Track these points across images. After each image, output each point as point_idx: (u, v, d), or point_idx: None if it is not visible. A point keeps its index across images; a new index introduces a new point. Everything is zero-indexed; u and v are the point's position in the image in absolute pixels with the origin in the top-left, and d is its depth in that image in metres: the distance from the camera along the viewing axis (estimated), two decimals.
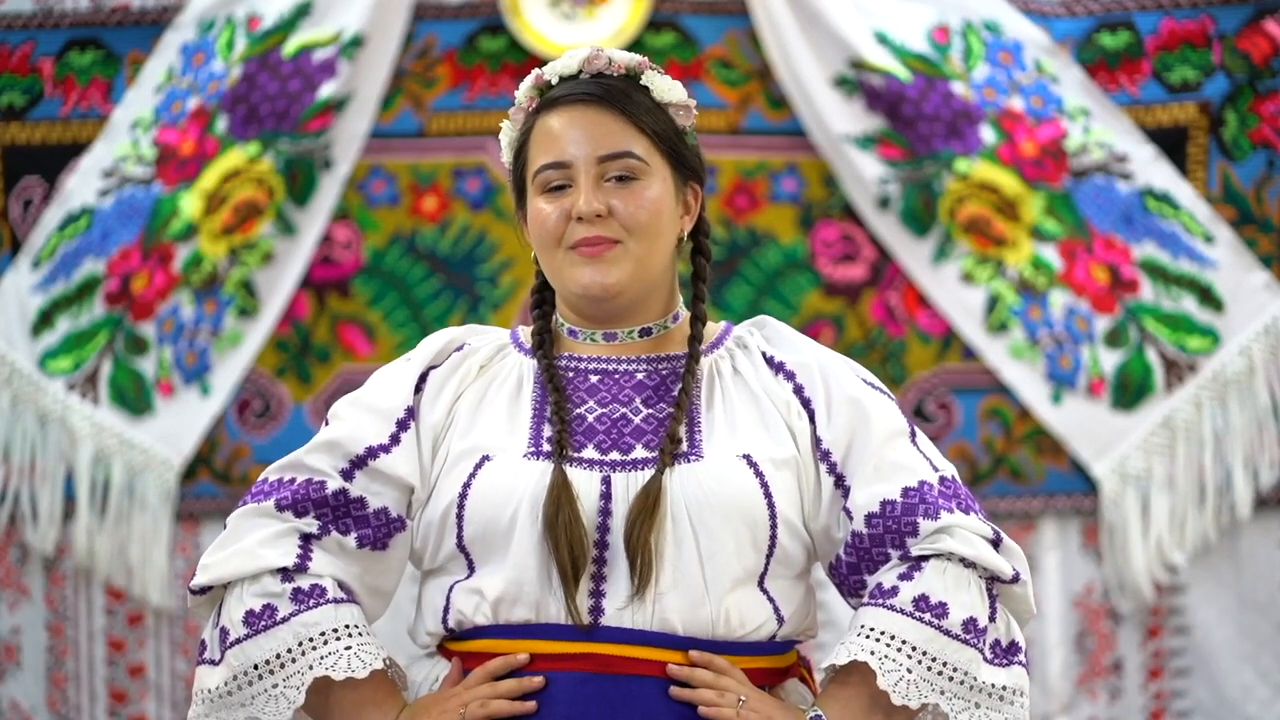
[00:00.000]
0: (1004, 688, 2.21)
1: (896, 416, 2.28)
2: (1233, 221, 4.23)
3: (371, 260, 4.33)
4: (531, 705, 2.19)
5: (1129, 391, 4.24)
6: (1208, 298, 4.22)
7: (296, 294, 4.32)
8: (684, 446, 2.24)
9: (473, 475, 2.24)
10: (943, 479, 2.26)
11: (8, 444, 4.28)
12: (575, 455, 2.24)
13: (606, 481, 2.22)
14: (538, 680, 2.19)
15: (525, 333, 2.38)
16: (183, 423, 4.29)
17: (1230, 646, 4.28)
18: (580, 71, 2.32)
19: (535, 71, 2.35)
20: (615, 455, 2.25)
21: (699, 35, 4.31)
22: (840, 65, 4.23)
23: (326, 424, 2.32)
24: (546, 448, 2.25)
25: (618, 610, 2.19)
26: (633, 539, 2.18)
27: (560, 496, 2.19)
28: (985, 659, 2.20)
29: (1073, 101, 4.23)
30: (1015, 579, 2.23)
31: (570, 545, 2.17)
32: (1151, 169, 4.23)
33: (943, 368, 4.31)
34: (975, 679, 2.19)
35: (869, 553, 2.23)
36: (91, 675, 4.32)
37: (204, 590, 2.27)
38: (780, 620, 2.24)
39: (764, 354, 2.33)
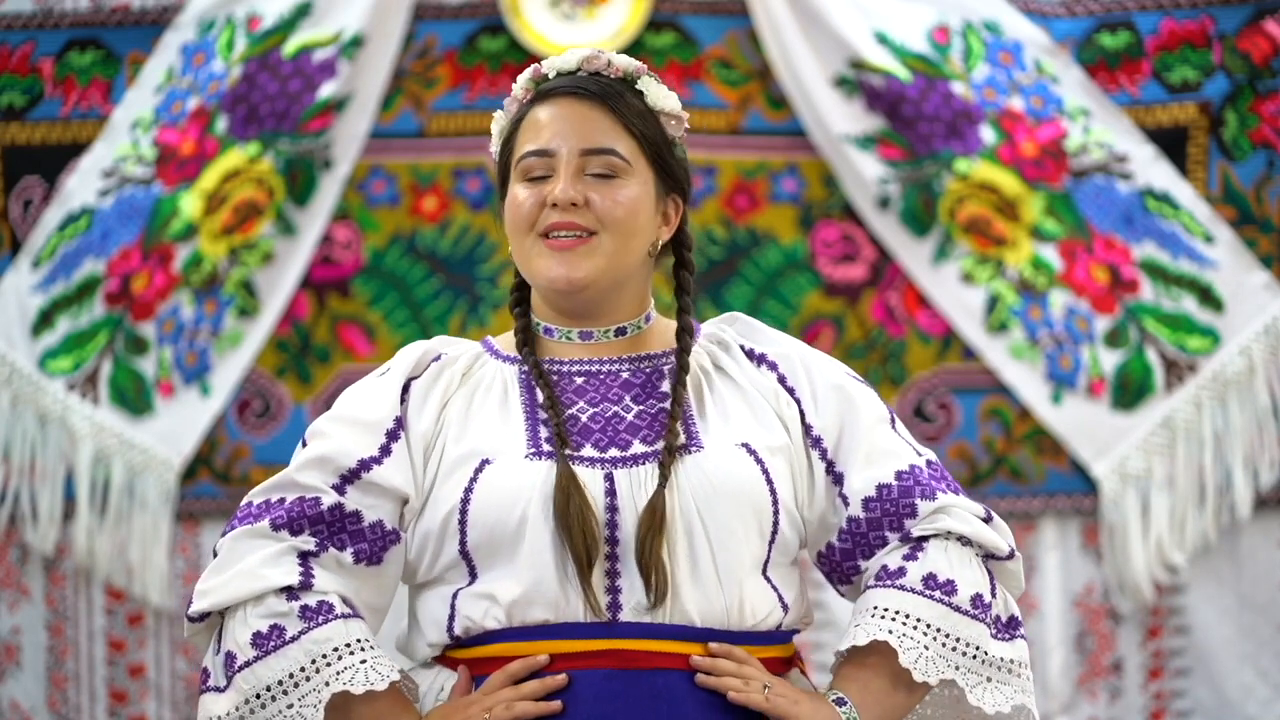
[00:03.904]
0: (1010, 661, 2.25)
1: (878, 404, 2.32)
2: (1233, 221, 4.23)
3: (371, 260, 4.33)
4: (557, 705, 2.17)
5: (1129, 391, 4.24)
6: (1208, 298, 4.22)
7: (296, 294, 4.31)
8: (681, 439, 2.24)
9: (474, 480, 2.22)
10: (929, 462, 2.30)
11: (8, 444, 4.28)
12: (575, 454, 2.23)
13: (610, 479, 2.22)
14: (561, 678, 2.17)
15: (498, 341, 2.37)
16: (183, 423, 4.28)
17: (1230, 646, 4.27)
18: (578, 69, 2.33)
19: (534, 64, 2.35)
20: (614, 452, 2.24)
21: (699, 35, 4.31)
22: (840, 65, 4.23)
23: (304, 444, 2.28)
24: (547, 447, 2.24)
25: (634, 608, 2.19)
26: (644, 556, 2.18)
27: (569, 487, 2.19)
28: (991, 634, 2.24)
29: (1073, 101, 4.23)
30: (1010, 555, 2.28)
31: (583, 533, 2.17)
32: (1151, 169, 4.23)
33: (943, 368, 4.31)
34: (986, 653, 2.23)
35: (865, 537, 2.26)
36: (91, 675, 4.32)
37: (202, 617, 2.22)
38: (785, 608, 2.25)
39: (743, 347, 2.34)
